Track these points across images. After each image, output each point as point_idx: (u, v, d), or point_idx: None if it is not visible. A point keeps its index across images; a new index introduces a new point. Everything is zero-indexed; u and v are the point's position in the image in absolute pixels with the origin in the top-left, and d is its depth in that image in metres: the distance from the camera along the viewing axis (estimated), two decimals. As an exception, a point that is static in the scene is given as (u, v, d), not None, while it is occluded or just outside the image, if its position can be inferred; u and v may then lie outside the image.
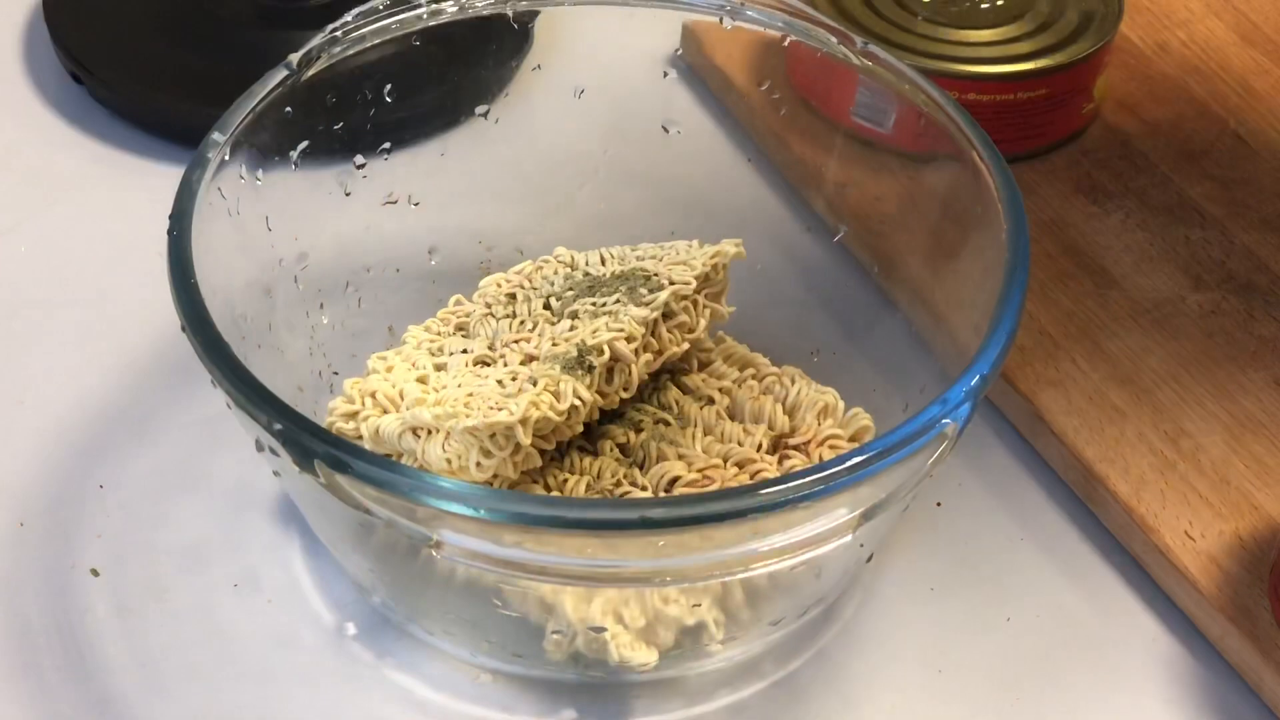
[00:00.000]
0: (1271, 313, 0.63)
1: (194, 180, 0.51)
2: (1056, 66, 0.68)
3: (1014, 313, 0.48)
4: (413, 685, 0.53)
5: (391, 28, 0.57)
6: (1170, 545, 0.56)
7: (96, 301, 0.64)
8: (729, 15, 0.59)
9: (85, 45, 0.72)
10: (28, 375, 0.61)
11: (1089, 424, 0.59)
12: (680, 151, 0.63)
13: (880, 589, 0.56)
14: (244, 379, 0.46)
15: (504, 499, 0.44)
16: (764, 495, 0.43)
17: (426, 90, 0.63)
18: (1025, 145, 0.69)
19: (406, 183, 0.61)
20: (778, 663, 0.54)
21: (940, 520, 0.58)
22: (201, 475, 0.58)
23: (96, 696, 0.52)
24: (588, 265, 0.58)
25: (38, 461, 0.58)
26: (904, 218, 0.60)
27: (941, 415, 0.45)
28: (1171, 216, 0.67)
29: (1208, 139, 0.70)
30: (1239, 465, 0.58)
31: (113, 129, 0.71)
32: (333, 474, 0.44)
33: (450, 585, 0.50)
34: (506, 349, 0.54)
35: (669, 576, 0.45)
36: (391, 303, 0.60)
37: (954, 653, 0.55)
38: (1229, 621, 0.54)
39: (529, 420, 0.51)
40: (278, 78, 0.54)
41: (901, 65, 0.56)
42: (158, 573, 0.56)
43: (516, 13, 0.59)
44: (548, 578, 0.46)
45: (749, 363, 0.56)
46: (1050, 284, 0.64)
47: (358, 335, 0.59)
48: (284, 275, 0.57)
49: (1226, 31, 0.76)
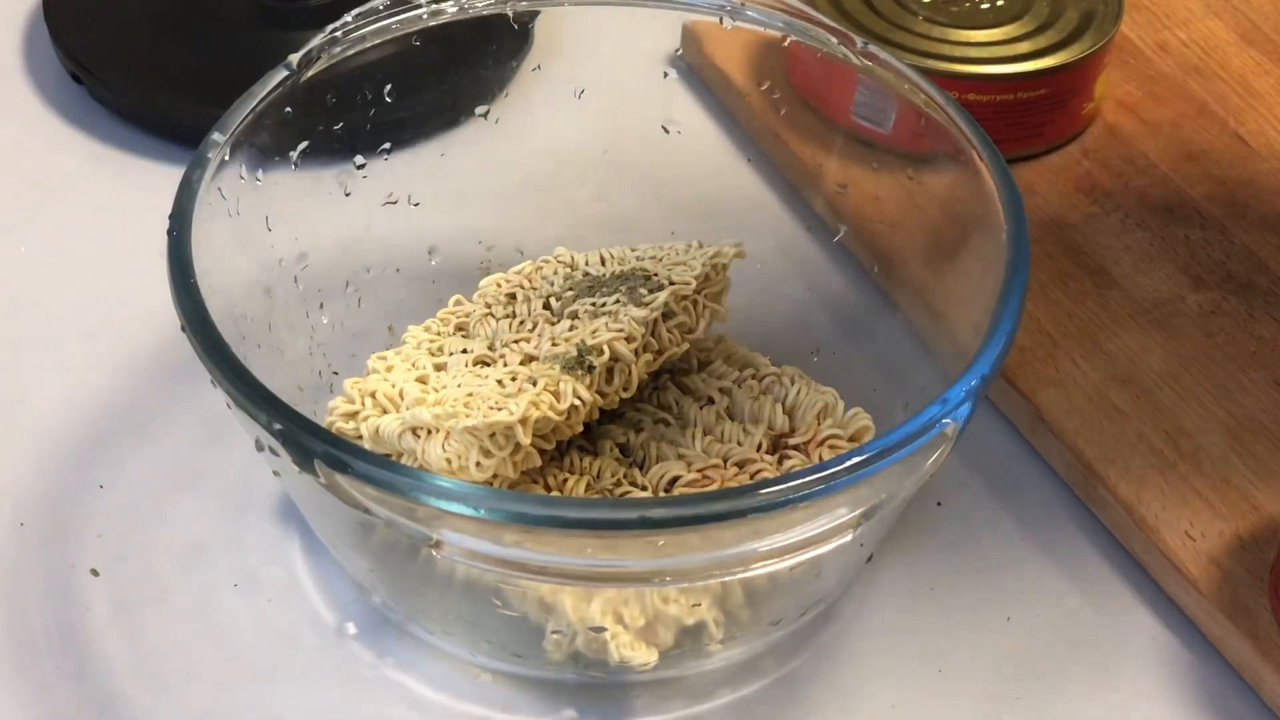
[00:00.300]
0: (1271, 313, 0.63)
1: (194, 180, 0.51)
2: (1056, 66, 0.68)
3: (1014, 313, 0.48)
4: (413, 685, 0.53)
5: (391, 28, 0.57)
6: (1170, 545, 0.56)
7: (96, 301, 0.64)
8: (729, 15, 0.59)
9: (85, 45, 0.72)
10: (28, 375, 0.61)
11: (1089, 424, 0.59)
12: (680, 151, 0.63)
13: (880, 589, 0.56)
14: (244, 379, 0.46)
15: (504, 499, 0.44)
16: (764, 495, 0.43)
17: (426, 90, 0.63)
18: (1025, 145, 0.69)
19: (406, 183, 0.61)
20: (778, 662, 0.54)
21: (940, 520, 0.58)
22: (201, 475, 0.58)
23: (96, 696, 0.52)
24: (588, 265, 0.58)
25: (38, 461, 0.58)
26: (904, 218, 0.60)
27: (941, 415, 0.45)
28: (1171, 216, 0.67)
29: (1208, 139, 0.70)
30: (1239, 465, 0.58)
31: (113, 129, 0.71)
32: (333, 474, 0.44)
33: (450, 585, 0.50)
34: (506, 349, 0.54)
35: (669, 576, 0.45)
36: (391, 303, 0.60)
37: (954, 653, 0.55)
38: (1229, 621, 0.54)
39: (529, 420, 0.51)
40: (278, 78, 0.54)
41: (901, 65, 0.56)
42: (158, 573, 0.56)
43: (516, 13, 0.59)
44: (548, 578, 0.46)
45: (749, 363, 0.56)
46: (1050, 284, 0.64)
47: (358, 335, 0.59)
48: (284, 275, 0.57)
49: (1226, 31, 0.76)
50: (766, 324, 0.59)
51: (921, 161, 0.58)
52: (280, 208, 0.56)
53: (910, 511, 0.51)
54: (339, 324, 0.59)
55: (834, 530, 0.45)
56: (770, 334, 0.59)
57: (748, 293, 0.58)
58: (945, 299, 0.56)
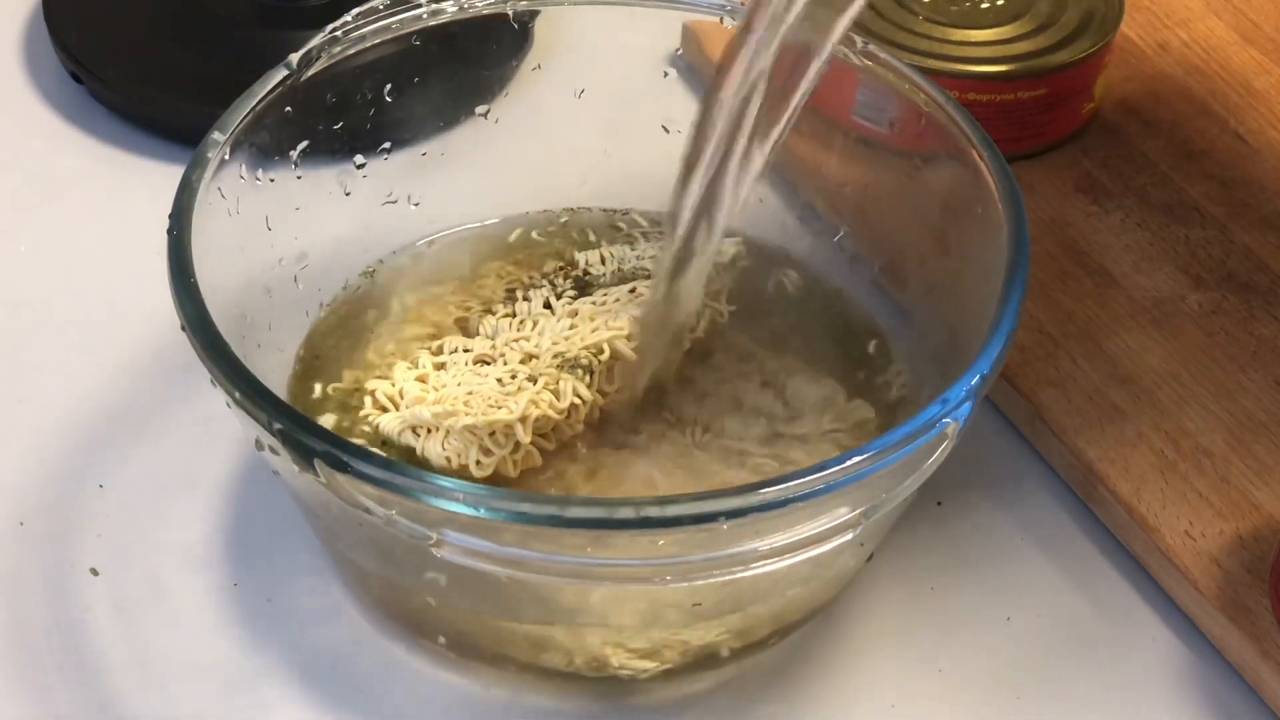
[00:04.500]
0: (1271, 313, 0.63)
1: (194, 180, 0.51)
2: (1057, 66, 0.68)
3: (1014, 312, 0.48)
4: (413, 685, 0.53)
5: (391, 28, 0.57)
6: (1170, 545, 0.56)
7: (96, 301, 0.64)
8: (729, 15, 0.59)
9: (85, 45, 0.72)
10: (28, 375, 0.61)
11: (1089, 424, 0.59)
12: (680, 151, 0.63)
13: (880, 589, 0.56)
14: (244, 379, 0.46)
15: (504, 498, 0.44)
16: (764, 495, 0.43)
17: (426, 90, 0.63)
18: (1025, 145, 0.69)
19: (406, 183, 0.61)
20: (777, 661, 0.54)
21: (940, 520, 0.58)
22: (201, 475, 0.58)
23: (96, 696, 0.52)
24: (588, 265, 0.58)
25: (38, 461, 0.58)
26: (904, 217, 0.60)
27: (941, 415, 0.45)
28: (1171, 216, 0.67)
29: (1208, 139, 0.70)
30: (1239, 465, 0.58)
31: (113, 129, 0.71)
32: (333, 474, 0.44)
33: (450, 586, 0.50)
34: (506, 348, 0.54)
35: (669, 576, 0.45)
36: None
37: (954, 652, 0.55)
38: (1229, 621, 0.54)
39: (528, 418, 0.51)
40: (278, 78, 0.54)
41: (901, 65, 0.56)
42: (158, 573, 0.56)
43: (516, 13, 0.59)
44: (548, 577, 0.46)
45: (749, 356, 0.56)
46: (1050, 284, 0.64)
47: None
48: (284, 275, 0.57)
49: (1227, 31, 0.76)
50: (767, 324, 0.59)
51: (922, 161, 0.58)
52: (280, 207, 0.56)
53: (910, 511, 0.51)
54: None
55: (835, 529, 0.45)
56: (770, 333, 0.59)
57: (748, 293, 0.58)
58: (945, 298, 0.56)
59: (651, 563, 0.45)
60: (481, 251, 0.61)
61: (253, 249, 0.55)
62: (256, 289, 0.55)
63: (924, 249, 0.58)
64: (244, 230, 0.54)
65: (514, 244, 0.61)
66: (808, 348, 0.59)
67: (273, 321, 0.55)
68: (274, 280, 0.56)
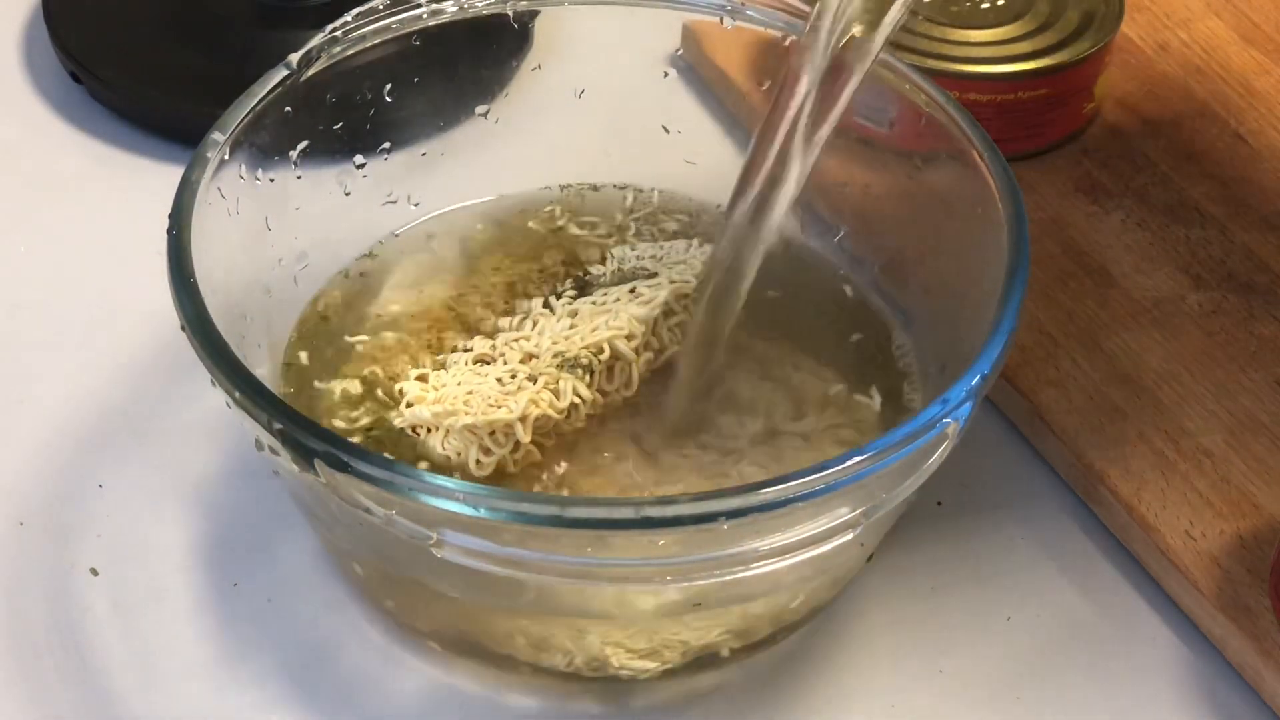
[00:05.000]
0: (1272, 313, 0.63)
1: (194, 180, 0.51)
2: (1057, 66, 0.68)
3: (1014, 312, 0.48)
4: (413, 685, 0.53)
5: (391, 28, 0.57)
6: (1171, 545, 0.56)
7: (96, 301, 0.64)
8: (729, 15, 0.59)
9: (85, 45, 0.72)
10: (28, 375, 0.61)
11: (1089, 424, 0.59)
12: (680, 151, 0.63)
13: (880, 589, 0.56)
14: (244, 379, 0.46)
15: (504, 498, 0.44)
16: (764, 495, 0.43)
17: (426, 90, 0.63)
18: (1025, 145, 0.69)
19: (406, 183, 0.61)
20: (778, 661, 0.54)
21: (940, 520, 0.58)
22: (201, 475, 0.58)
23: (96, 696, 0.52)
24: (588, 264, 0.58)
25: (38, 461, 0.58)
26: (904, 217, 0.60)
27: (942, 415, 0.45)
28: (1171, 216, 0.67)
29: (1208, 139, 0.70)
30: (1239, 465, 0.58)
31: (113, 129, 0.71)
32: (333, 474, 0.44)
33: (450, 587, 0.50)
34: (506, 347, 0.54)
35: (669, 575, 0.45)
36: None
37: (954, 653, 0.55)
38: (1229, 621, 0.54)
39: (528, 418, 0.51)
40: (278, 78, 0.54)
41: (902, 65, 0.56)
42: (158, 573, 0.56)
43: (516, 13, 0.59)
44: (548, 576, 0.46)
45: (750, 355, 0.56)
46: (1050, 284, 0.64)
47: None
48: (284, 275, 0.57)
49: (1227, 31, 0.76)
50: (767, 323, 0.59)
51: (922, 161, 0.58)
52: (280, 207, 0.56)
53: (910, 511, 0.51)
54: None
55: (835, 530, 0.45)
56: (771, 333, 0.59)
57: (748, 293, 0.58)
58: (945, 298, 0.56)
59: (652, 563, 0.45)
60: (480, 243, 0.61)
61: (252, 249, 0.55)
62: (256, 289, 0.55)
63: (924, 249, 0.58)
64: (244, 230, 0.54)
65: (512, 236, 0.61)
66: (808, 347, 0.59)
67: (273, 321, 0.55)
68: (274, 280, 0.56)
